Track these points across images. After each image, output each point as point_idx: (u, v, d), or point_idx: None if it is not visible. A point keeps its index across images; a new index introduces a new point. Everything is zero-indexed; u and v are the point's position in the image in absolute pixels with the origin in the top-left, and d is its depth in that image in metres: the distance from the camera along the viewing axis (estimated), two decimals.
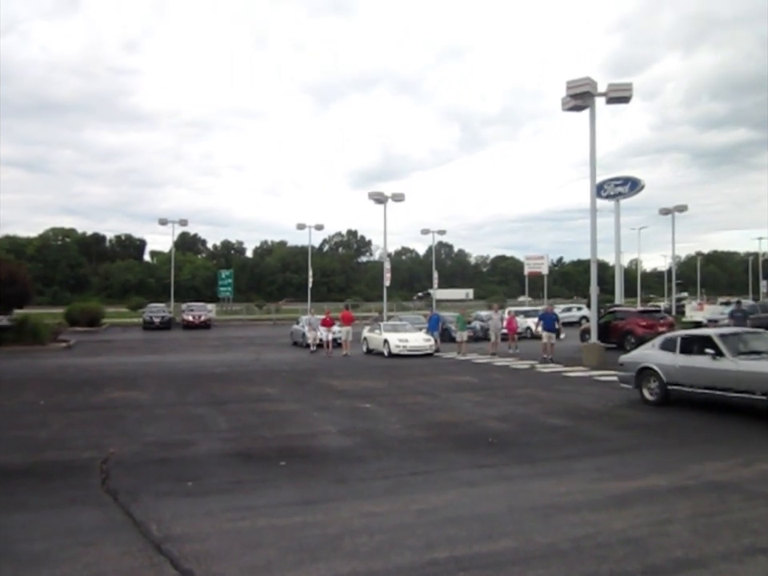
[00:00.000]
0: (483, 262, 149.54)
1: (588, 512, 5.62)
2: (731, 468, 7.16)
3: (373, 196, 34.88)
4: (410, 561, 4.53)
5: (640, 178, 31.66)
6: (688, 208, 48.69)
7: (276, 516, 5.65)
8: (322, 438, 9.15)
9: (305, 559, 4.59)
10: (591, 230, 20.94)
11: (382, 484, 6.73)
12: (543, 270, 59.56)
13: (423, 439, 8.99)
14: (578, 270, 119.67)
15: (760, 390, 9.64)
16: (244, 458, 7.97)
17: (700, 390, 10.74)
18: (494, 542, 4.92)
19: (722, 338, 10.70)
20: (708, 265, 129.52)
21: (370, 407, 11.84)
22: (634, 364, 12.12)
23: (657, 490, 6.32)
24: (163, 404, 12.58)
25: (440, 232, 55.95)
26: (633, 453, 8.05)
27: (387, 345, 23.71)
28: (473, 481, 6.77)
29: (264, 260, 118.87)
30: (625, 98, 21.08)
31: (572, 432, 9.40)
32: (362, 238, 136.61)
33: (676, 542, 4.82)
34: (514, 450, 8.26)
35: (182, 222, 54.15)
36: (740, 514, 5.51)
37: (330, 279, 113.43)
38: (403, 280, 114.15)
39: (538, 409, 11.45)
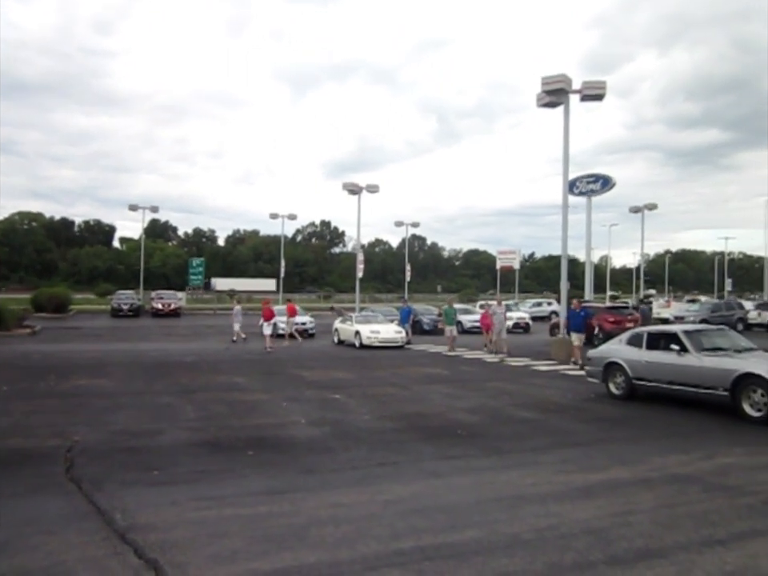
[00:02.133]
0: (456, 256, 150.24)
1: (553, 503, 5.70)
2: (693, 461, 7.31)
3: (347, 187, 34.77)
4: (375, 550, 4.55)
5: (611, 176, 32.00)
6: (658, 206, 49.43)
7: (242, 506, 5.62)
8: (291, 429, 9.12)
9: (270, 549, 4.58)
10: (563, 227, 21.15)
11: (350, 475, 6.73)
12: (515, 265, 60.10)
13: (392, 430, 9.02)
14: (549, 266, 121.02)
15: (722, 386, 9.86)
16: (211, 448, 7.91)
17: (665, 384, 10.95)
18: (459, 532, 4.96)
19: (687, 335, 10.91)
20: (676, 263, 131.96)
21: (339, 398, 11.84)
22: (602, 359, 12.31)
23: (620, 481, 6.44)
24: (130, 392, 12.43)
25: (413, 224, 56.03)
26: (598, 445, 8.18)
27: (359, 336, 23.71)
28: (440, 472, 6.82)
29: (236, 249, 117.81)
30: (599, 95, 21.27)
31: (540, 425, 9.51)
32: (336, 228, 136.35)
33: (638, 533, 4.91)
34: (482, 441, 8.33)
35: (152, 209, 53.42)
36: (700, 506, 5.64)
37: (303, 270, 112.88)
38: (376, 272, 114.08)
39: (507, 401, 11.56)
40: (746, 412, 9.55)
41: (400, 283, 75.53)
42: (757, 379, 9.41)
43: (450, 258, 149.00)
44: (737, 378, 9.66)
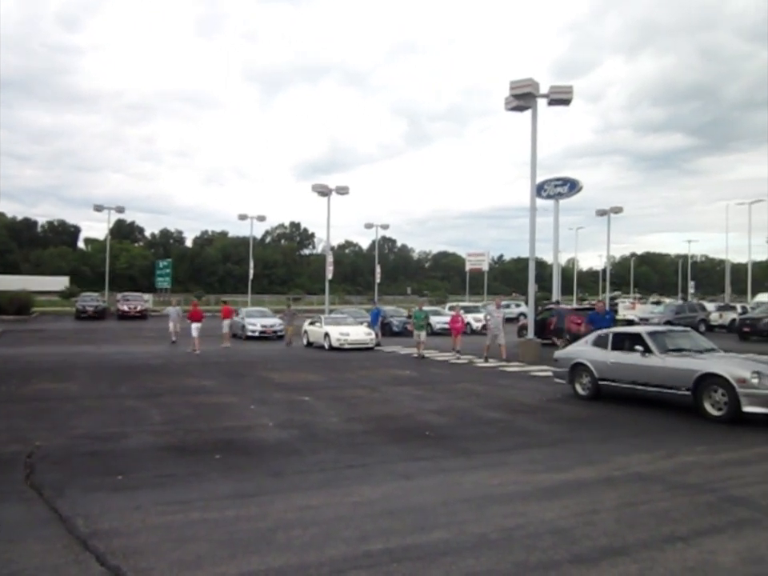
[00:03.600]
0: (426, 258, 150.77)
1: (519, 503, 5.76)
2: (655, 460, 7.45)
3: (317, 188, 34.68)
4: (343, 553, 4.54)
5: (578, 180, 32.55)
6: (623, 210, 50.24)
7: (209, 510, 5.55)
8: (259, 431, 9.05)
9: (237, 553, 4.53)
10: (530, 229, 21.39)
11: (318, 477, 6.71)
12: (484, 267, 60.63)
13: (361, 432, 9.02)
14: (518, 268, 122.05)
15: (685, 386, 10.07)
16: (177, 452, 7.81)
17: (629, 385, 11.14)
18: (428, 533, 4.97)
19: (651, 336, 11.12)
20: (641, 265, 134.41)
21: (308, 400, 11.79)
22: (568, 360, 12.48)
23: (585, 481, 6.53)
24: (94, 396, 12.21)
25: (383, 226, 56.21)
26: (564, 446, 8.29)
27: (328, 338, 23.65)
28: (409, 473, 6.83)
29: (204, 250, 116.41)
30: (566, 100, 21.58)
31: (507, 425, 9.59)
32: (305, 230, 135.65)
33: (601, 531, 4.99)
34: (450, 443, 8.37)
35: (118, 209, 52.59)
36: (662, 504, 5.75)
37: (272, 271, 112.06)
38: (346, 273, 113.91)
39: (475, 402, 11.64)
40: (707, 411, 9.77)
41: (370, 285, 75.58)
42: (717, 379, 9.63)
43: (420, 259, 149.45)
44: (698, 378, 9.87)
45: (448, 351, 22.16)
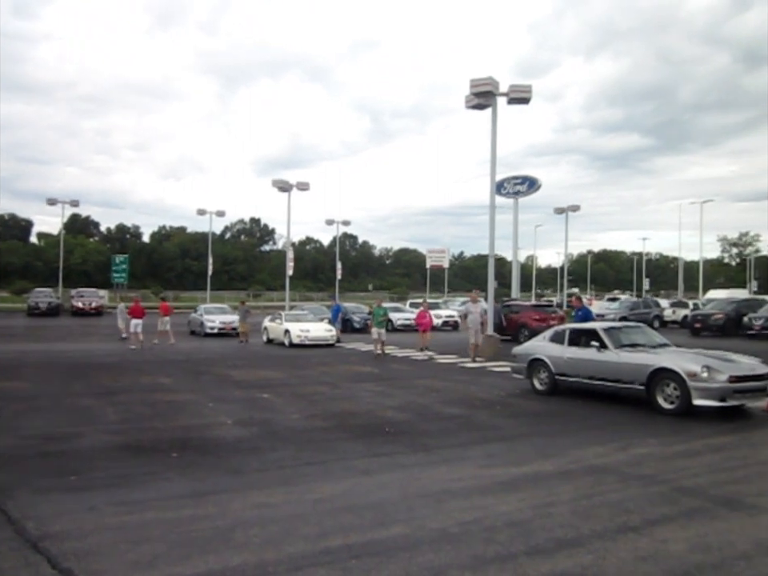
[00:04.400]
0: (387, 254, 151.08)
1: (477, 497, 5.82)
2: (610, 452, 7.62)
3: (277, 184, 34.41)
4: (302, 550, 4.52)
5: (537, 178, 33.01)
6: (581, 208, 51.22)
7: (165, 510, 5.47)
8: (217, 429, 8.95)
9: (193, 552, 4.47)
10: (490, 226, 21.62)
11: (278, 474, 6.67)
12: (444, 264, 61.03)
13: (321, 429, 8.99)
14: (478, 265, 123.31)
15: (638, 381, 10.31)
16: (133, 451, 7.66)
17: (585, 380, 11.35)
18: (387, 528, 4.99)
19: (606, 332, 11.35)
20: (598, 262, 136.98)
21: (268, 397, 11.71)
22: (526, 355, 12.65)
23: (542, 474, 6.63)
24: (47, 395, 11.89)
25: (344, 223, 56.07)
26: (521, 440, 8.41)
27: (288, 335, 23.50)
28: (369, 470, 6.84)
29: (162, 246, 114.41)
30: (525, 99, 21.86)
31: (466, 421, 9.68)
32: (266, 226, 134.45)
33: (557, 523, 5.08)
34: (410, 438, 8.41)
35: (72, 203, 51.34)
36: (615, 495, 5.88)
37: (232, 267, 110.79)
38: (307, 270, 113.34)
39: (435, 398, 11.72)
40: (659, 404, 10.02)
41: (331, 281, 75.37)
42: (670, 373, 9.89)
43: (381, 256, 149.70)
44: (652, 373, 10.12)
45: (409, 348, 22.25)
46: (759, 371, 9.93)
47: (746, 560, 4.36)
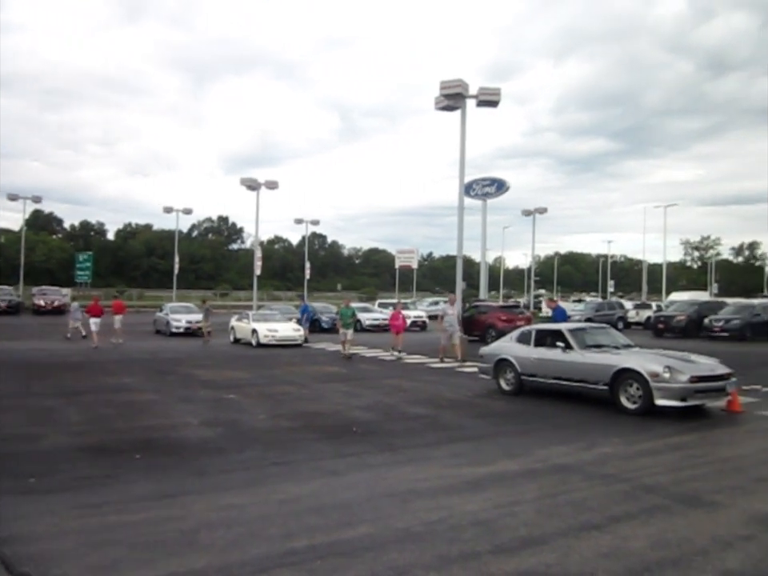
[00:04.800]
0: (356, 254, 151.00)
1: (443, 496, 5.85)
2: (574, 452, 7.73)
3: (245, 182, 34.12)
4: (267, 551, 4.49)
5: (506, 180, 33.15)
6: (548, 210, 51.93)
7: (128, 512, 5.38)
8: (182, 430, 8.83)
9: (156, 556, 4.41)
10: (458, 228, 21.76)
11: (243, 475, 6.61)
12: (413, 264, 61.08)
13: (288, 429, 8.94)
14: (447, 265, 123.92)
15: (602, 381, 10.47)
16: (95, 452, 7.52)
17: (551, 380, 11.49)
18: (353, 528, 4.99)
19: (572, 333, 11.50)
20: (564, 264, 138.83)
21: (234, 398, 11.60)
22: (493, 356, 12.75)
23: (507, 473, 6.70)
24: (6, 395, 11.61)
25: (313, 222, 55.88)
26: (487, 439, 8.48)
27: (256, 334, 23.31)
28: (335, 470, 6.83)
29: (127, 243, 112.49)
30: (494, 101, 22.05)
31: (433, 421, 9.72)
32: (234, 224, 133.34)
33: (522, 522, 5.13)
34: (377, 438, 8.41)
35: (34, 199, 50.13)
36: (579, 494, 5.97)
37: (199, 266, 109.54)
38: (275, 269, 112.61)
39: (402, 398, 11.74)
40: (623, 404, 10.19)
41: (300, 281, 74.98)
42: (632, 374, 10.07)
43: (351, 256, 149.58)
44: (615, 373, 10.29)
45: (378, 348, 22.25)
46: (719, 372, 10.17)
47: (704, 555, 4.46)
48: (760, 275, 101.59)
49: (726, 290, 78.99)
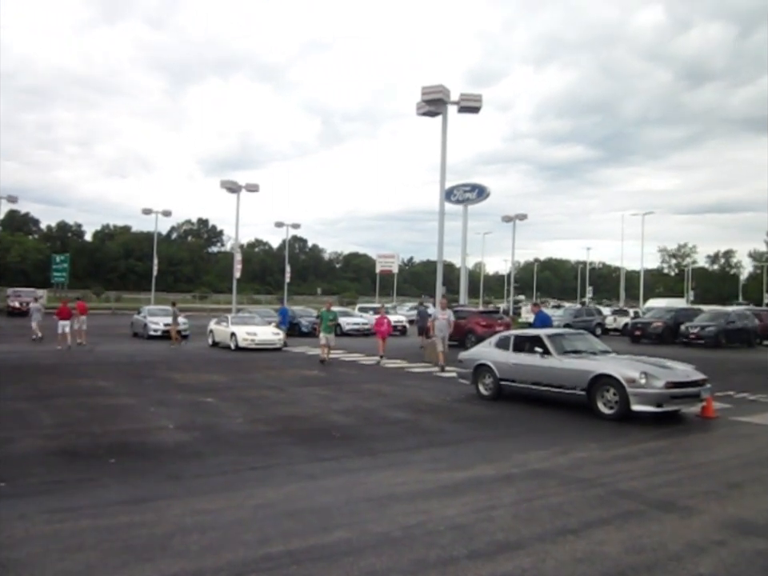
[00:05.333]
0: (337, 258, 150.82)
1: (421, 501, 5.84)
2: (551, 456, 7.77)
3: (225, 185, 33.96)
4: (242, 557, 4.44)
5: (486, 186, 33.41)
6: (528, 216, 52.38)
7: (101, 517, 5.30)
8: (158, 434, 8.73)
9: (129, 561, 4.34)
10: (439, 233, 21.83)
11: (219, 480, 6.55)
12: (394, 269, 61.23)
13: (265, 434, 8.88)
14: (427, 270, 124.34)
15: (580, 386, 10.55)
16: (68, 456, 7.40)
17: (529, 385, 11.55)
18: (330, 533, 4.95)
19: (550, 338, 11.58)
20: (543, 270, 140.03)
21: (211, 401, 11.49)
22: (472, 361, 12.79)
23: (485, 478, 6.71)
24: None
25: (294, 225, 55.74)
26: (466, 444, 8.49)
27: (234, 338, 23.15)
28: (313, 474, 6.79)
29: (105, 245, 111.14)
30: (475, 107, 22.20)
31: (412, 425, 9.72)
32: (214, 227, 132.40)
33: (498, 527, 5.14)
34: (355, 443, 8.38)
35: (10, 199, 49.25)
36: (556, 498, 5.99)
37: (178, 269, 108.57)
38: (255, 272, 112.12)
39: (381, 403, 11.72)
40: (599, 410, 10.27)
41: (280, 284, 74.68)
42: (609, 379, 10.15)
43: (331, 260, 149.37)
44: (592, 379, 10.37)
45: (357, 352, 22.22)
46: (694, 378, 10.29)
47: (677, 561, 4.50)
48: (735, 283, 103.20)
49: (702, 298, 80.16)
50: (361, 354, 21.90)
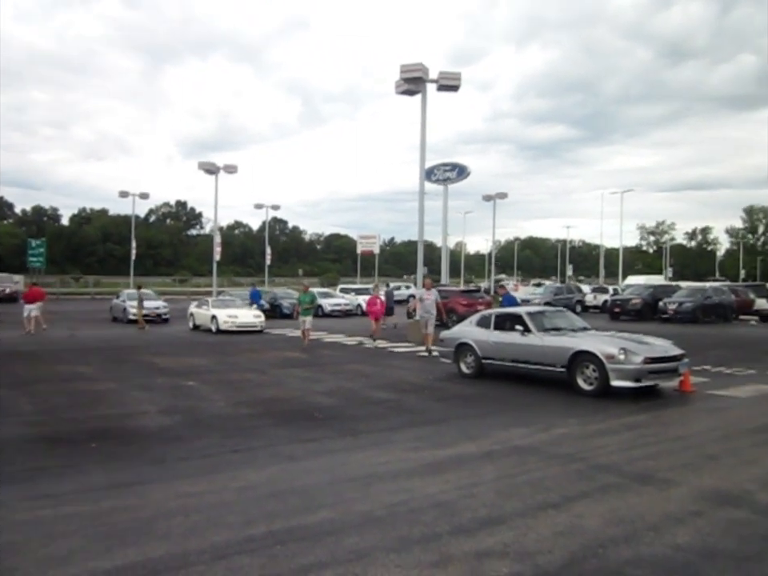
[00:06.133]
0: (318, 240, 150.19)
1: (404, 479, 5.89)
2: (532, 433, 7.86)
3: (203, 166, 33.59)
4: (226, 539, 4.45)
5: (467, 165, 33.39)
6: (508, 195, 52.48)
7: (83, 502, 5.28)
8: (140, 418, 8.69)
9: (113, 545, 4.34)
10: (419, 213, 21.79)
11: (202, 463, 6.54)
12: (375, 249, 61.06)
13: (248, 416, 8.88)
14: (409, 251, 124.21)
15: (560, 363, 10.66)
16: (49, 442, 7.35)
17: (510, 363, 11.64)
18: (313, 513, 4.98)
19: (530, 316, 11.66)
20: (524, 249, 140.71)
21: (193, 385, 11.46)
22: (453, 340, 12.86)
23: (467, 456, 6.78)
24: None
25: (274, 207, 55.38)
26: (448, 423, 8.55)
27: (215, 321, 23.05)
28: (296, 455, 6.81)
29: (82, 229, 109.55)
30: (454, 86, 22.05)
31: (394, 405, 9.77)
32: (192, 209, 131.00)
33: (481, 503, 5.20)
34: (338, 423, 8.41)
35: None
36: (537, 474, 6.07)
37: (157, 252, 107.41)
38: (235, 255, 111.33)
39: (364, 383, 11.76)
40: (579, 386, 10.40)
41: (261, 267, 74.23)
42: (589, 356, 10.26)
43: (312, 241, 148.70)
44: (572, 356, 10.48)
45: (340, 333, 22.22)
46: (672, 353, 10.44)
47: (655, 531, 4.59)
48: (712, 259, 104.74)
49: (680, 274, 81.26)
50: (342, 334, 21.91)
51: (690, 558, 4.16)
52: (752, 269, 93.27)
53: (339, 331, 22.95)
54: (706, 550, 4.29)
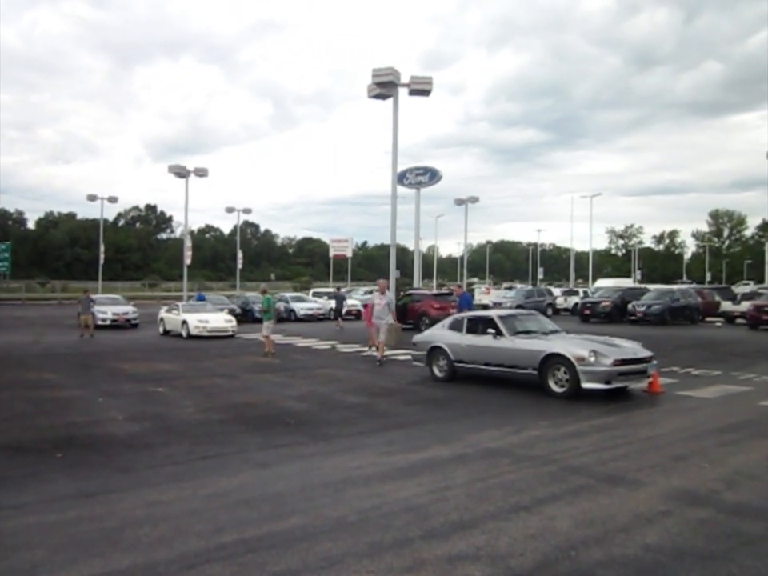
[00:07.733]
0: (290, 244, 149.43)
1: (376, 484, 5.86)
2: (504, 436, 7.89)
3: (173, 169, 33.22)
4: (195, 547, 4.38)
5: (439, 169, 33.46)
6: (480, 199, 52.83)
7: (47, 512, 5.15)
8: (107, 426, 8.52)
9: (78, 557, 4.23)
10: (392, 216, 21.83)
11: (171, 470, 6.43)
12: (348, 253, 61.05)
13: (218, 422, 8.76)
14: (381, 254, 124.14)
15: (531, 366, 10.73)
16: (12, 451, 7.16)
17: (482, 366, 11.69)
18: (285, 520, 4.93)
19: (502, 319, 11.72)
20: (496, 253, 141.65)
21: (162, 391, 11.28)
22: (426, 343, 12.87)
23: (439, 459, 6.77)
24: None
25: (245, 210, 54.90)
26: (420, 426, 8.55)
27: (186, 326, 22.76)
28: (267, 462, 6.74)
29: (49, 233, 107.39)
30: (426, 90, 22.18)
31: (367, 409, 9.73)
32: (162, 213, 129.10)
33: (453, 507, 5.19)
34: (310, 428, 8.35)
35: None
36: (509, 476, 6.09)
37: (126, 256, 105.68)
38: (206, 259, 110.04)
39: (336, 387, 11.70)
40: (551, 388, 10.48)
41: (232, 271, 73.58)
42: (560, 358, 10.36)
43: (284, 245, 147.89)
44: (544, 358, 10.56)
45: (312, 338, 22.10)
46: (641, 355, 10.59)
47: (626, 532, 4.63)
48: (679, 262, 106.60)
49: (648, 277, 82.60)
50: (315, 339, 21.81)
51: (660, 558, 4.20)
52: (718, 271, 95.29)
53: (311, 335, 22.83)
54: (675, 549, 4.34)
